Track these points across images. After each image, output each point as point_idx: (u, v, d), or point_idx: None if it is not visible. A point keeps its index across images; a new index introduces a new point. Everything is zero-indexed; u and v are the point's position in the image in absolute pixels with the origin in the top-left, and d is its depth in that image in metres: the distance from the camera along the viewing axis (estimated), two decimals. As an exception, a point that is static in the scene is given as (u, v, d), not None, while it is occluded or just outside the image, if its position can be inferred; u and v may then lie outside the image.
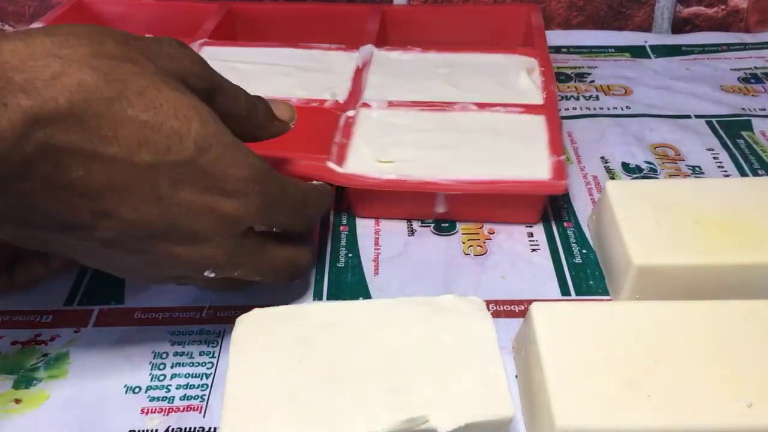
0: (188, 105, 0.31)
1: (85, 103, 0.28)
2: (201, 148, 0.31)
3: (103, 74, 0.29)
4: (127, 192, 0.30)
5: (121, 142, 0.29)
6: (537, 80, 0.51)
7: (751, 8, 0.71)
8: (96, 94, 0.29)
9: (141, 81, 0.30)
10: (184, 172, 0.31)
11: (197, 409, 0.36)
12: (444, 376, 0.32)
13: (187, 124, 0.31)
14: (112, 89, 0.29)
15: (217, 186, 0.32)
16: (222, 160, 0.32)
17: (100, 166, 0.29)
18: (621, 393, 0.31)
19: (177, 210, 0.32)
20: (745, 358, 0.32)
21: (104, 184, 0.29)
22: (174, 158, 0.31)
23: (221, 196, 0.33)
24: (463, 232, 0.47)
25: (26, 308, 0.41)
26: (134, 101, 0.30)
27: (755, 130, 0.56)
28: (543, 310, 0.35)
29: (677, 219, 0.40)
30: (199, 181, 0.32)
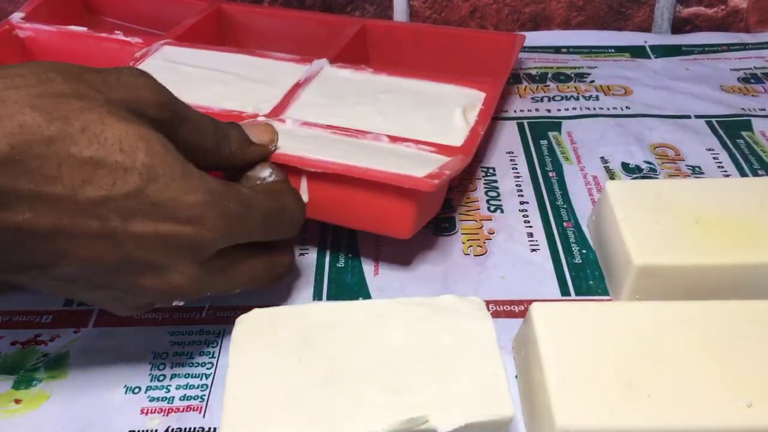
0: (135, 135, 0.31)
1: (26, 146, 0.28)
2: (147, 179, 0.31)
3: (45, 113, 0.29)
4: (77, 230, 0.30)
5: (65, 181, 0.29)
6: (471, 119, 0.49)
7: (751, 8, 0.71)
8: (37, 134, 0.28)
9: (85, 116, 0.30)
10: (133, 204, 0.31)
11: (197, 409, 0.36)
12: (444, 376, 0.32)
13: (132, 156, 0.30)
14: (54, 128, 0.29)
15: (170, 215, 0.32)
16: (171, 189, 0.31)
17: (46, 207, 0.29)
18: (621, 393, 0.31)
19: (131, 244, 0.31)
20: (745, 358, 0.32)
21: (52, 224, 0.29)
22: (120, 192, 0.30)
23: (176, 225, 0.32)
24: (463, 232, 0.47)
25: (26, 308, 0.41)
26: (77, 138, 0.29)
27: (755, 130, 0.56)
28: (543, 310, 0.35)
29: (677, 219, 0.40)
30: (149, 213, 0.31)
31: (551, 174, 0.52)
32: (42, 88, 0.30)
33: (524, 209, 0.48)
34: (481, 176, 0.52)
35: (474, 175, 0.52)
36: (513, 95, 0.62)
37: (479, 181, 0.51)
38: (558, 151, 0.54)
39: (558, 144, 0.55)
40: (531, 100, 0.61)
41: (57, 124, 0.29)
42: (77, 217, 0.30)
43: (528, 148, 0.55)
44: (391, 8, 0.70)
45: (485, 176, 0.52)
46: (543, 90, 0.62)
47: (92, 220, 0.30)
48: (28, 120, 0.28)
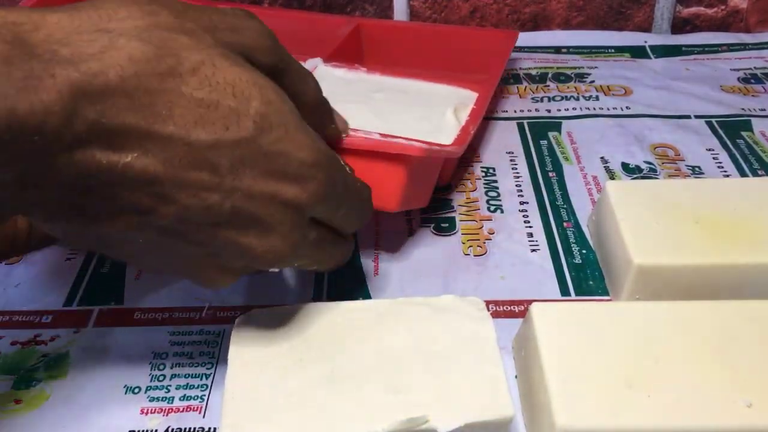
0: (248, 81, 0.29)
1: (137, 79, 0.26)
2: (261, 128, 0.29)
3: (155, 48, 0.27)
4: (186, 176, 0.28)
5: (177, 121, 0.27)
6: (462, 118, 0.48)
7: (751, 8, 0.71)
8: (147, 69, 0.27)
9: (196, 56, 0.28)
10: (244, 153, 0.29)
11: (197, 409, 0.36)
12: (444, 376, 0.32)
13: (246, 103, 0.29)
14: (165, 65, 0.27)
15: (279, 170, 0.30)
16: (284, 142, 0.30)
17: (156, 147, 0.27)
18: (621, 393, 0.31)
19: (239, 195, 0.29)
20: (745, 358, 0.32)
21: (161, 167, 0.27)
22: (232, 137, 0.28)
23: (284, 181, 0.30)
24: (463, 232, 0.47)
25: (26, 308, 0.41)
26: (188, 78, 0.28)
27: (755, 131, 0.56)
28: (543, 310, 0.35)
29: (677, 219, 0.40)
30: (259, 164, 0.29)
31: (551, 174, 0.52)
32: (148, 20, 0.28)
33: (524, 209, 0.48)
34: (481, 176, 0.52)
35: (474, 175, 0.52)
36: (513, 95, 0.62)
37: (479, 181, 0.51)
38: (558, 151, 0.54)
39: (558, 144, 0.55)
40: (531, 100, 0.61)
41: (168, 60, 0.27)
42: (187, 160, 0.28)
43: (528, 148, 0.55)
44: (391, 8, 0.70)
45: (485, 176, 0.52)
46: (543, 90, 0.62)
47: (202, 167, 0.28)
48: (137, 53, 0.26)
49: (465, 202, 0.49)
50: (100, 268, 0.44)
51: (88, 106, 0.25)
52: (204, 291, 0.42)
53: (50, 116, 0.24)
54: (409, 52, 0.62)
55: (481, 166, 0.53)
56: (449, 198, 0.50)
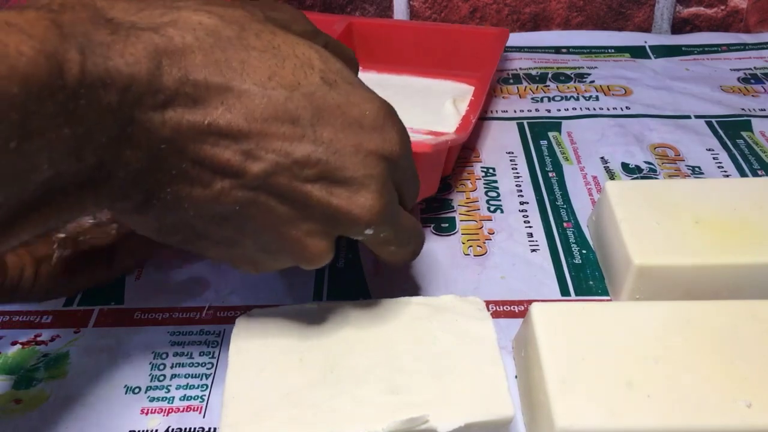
0: (305, 45, 0.31)
1: (210, 38, 0.28)
2: (329, 83, 0.30)
3: (219, 17, 0.29)
4: (269, 127, 0.29)
5: (251, 75, 0.29)
6: (462, 108, 0.49)
7: (751, 8, 0.71)
8: (217, 32, 0.29)
9: (255, 26, 0.30)
10: (320, 105, 0.30)
11: (197, 409, 0.36)
12: (444, 376, 0.32)
13: (309, 61, 0.30)
14: (231, 30, 0.29)
15: (357, 120, 0.31)
16: (353, 95, 0.31)
17: (237, 101, 0.28)
18: (621, 393, 0.31)
19: (324, 148, 0.30)
20: (745, 358, 0.32)
21: (245, 119, 0.28)
22: (305, 90, 0.29)
23: (364, 131, 0.31)
24: (463, 232, 0.47)
25: (26, 308, 0.41)
26: (253, 41, 0.29)
27: (755, 131, 0.56)
28: (543, 310, 0.35)
29: (677, 219, 0.40)
30: (336, 118, 0.30)
31: (551, 174, 0.52)
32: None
33: (524, 209, 0.48)
34: (481, 176, 0.52)
35: (474, 175, 0.52)
36: (513, 95, 0.62)
37: (479, 181, 0.51)
38: (558, 151, 0.54)
39: (558, 144, 0.55)
40: (531, 100, 0.61)
41: (233, 26, 0.29)
42: (268, 112, 0.29)
43: (528, 148, 0.55)
44: (391, 8, 0.70)
45: (485, 176, 0.52)
46: (543, 90, 0.62)
47: (283, 118, 0.29)
48: (205, 20, 0.29)
49: (465, 202, 0.49)
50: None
51: (172, 64, 0.27)
52: (204, 291, 0.42)
53: (140, 69, 0.26)
54: (401, 50, 0.62)
55: (481, 166, 0.53)
56: (449, 198, 0.50)
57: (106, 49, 0.25)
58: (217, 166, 0.29)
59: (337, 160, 0.30)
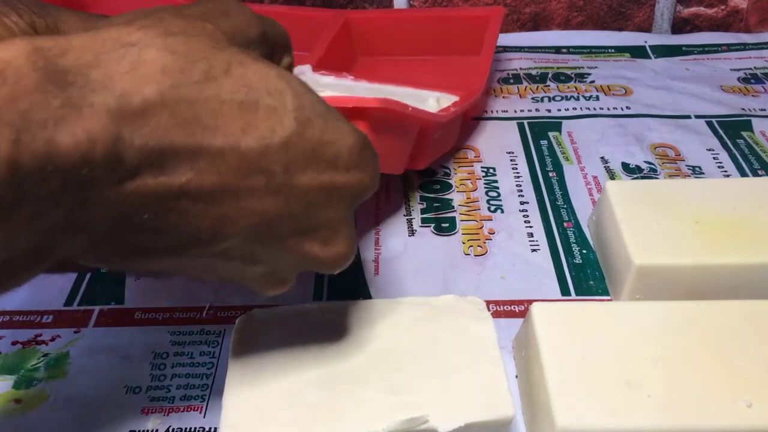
0: (275, 75, 0.27)
1: (176, 91, 0.24)
2: (303, 123, 0.27)
3: (183, 55, 0.25)
4: (244, 188, 0.26)
5: (225, 131, 0.25)
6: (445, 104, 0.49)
7: (751, 8, 0.71)
8: (183, 78, 0.25)
9: (222, 56, 0.26)
10: (294, 152, 0.27)
11: (197, 409, 0.36)
12: (444, 376, 0.32)
13: (281, 99, 0.27)
14: (198, 71, 0.25)
15: (331, 162, 0.28)
16: (327, 132, 0.28)
17: (208, 164, 0.25)
18: (621, 393, 0.31)
19: (299, 202, 0.28)
20: (745, 358, 0.32)
21: (217, 183, 0.26)
22: (280, 138, 0.26)
23: (337, 173, 0.28)
24: (463, 232, 0.47)
25: (26, 308, 0.41)
26: (222, 82, 0.26)
27: (755, 131, 0.56)
28: (543, 310, 0.35)
29: (677, 219, 0.40)
30: (311, 161, 0.28)
31: (551, 174, 0.52)
32: (162, 28, 0.26)
33: (524, 209, 0.48)
34: (481, 176, 0.52)
35: (474, 175, 0.52)
36: (513, 95, 0.62)
37: (479, 181, 0.51)
38: (558, 151, 0.54)
39: (558, 144, 0.55)
40: (531, 100, 0.61)
41: (200, 66, 0.25)
42: (242, 172, 0.26)
43: (528, 148, 0.55)
44: (391, 8, 0.70)
45: (485, 176, 0.52)
46: (543, 90, 0.62)
47: (257, 175, 0.26)
48: (169, 63, 0.24)
49: (465, 202, 0.49)
50: (101, 268, 0.44)
51: (133, 130, 0.23)
52: (204, 291, 0.42)
53: (96, 145, 0.22)
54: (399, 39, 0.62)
55: (481, 166, 0.53)
56: (449, 198, 0.50)
57: (51, 129, 0.22)
58: (183, 238, 0.26)
59: (311, 210, 0.28)
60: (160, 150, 0.24)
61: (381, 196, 0.50)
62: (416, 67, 0.62)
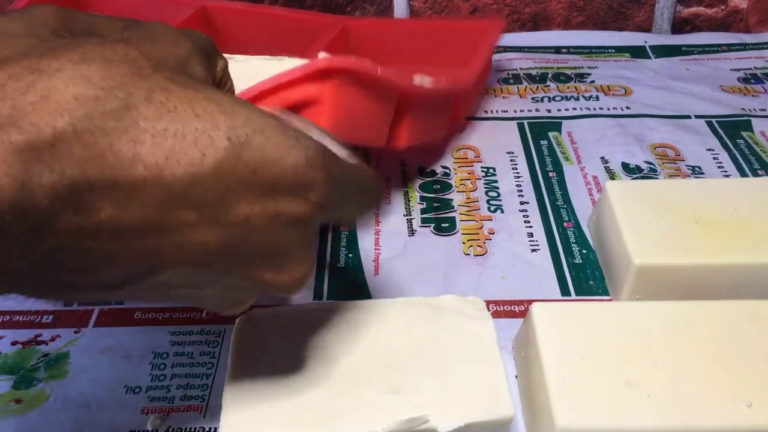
0: (204, 97, 0.25)
1: (89, 121, 0.22)
2: (238, 143, 0.24)
3: (99, 83, 0.23)
4: (171, 223, 0.24)
5: (145, 160, 0.23)
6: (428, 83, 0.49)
7: (751, 8, 0.71)
8: (98, 108, 0.22)
9: (143, 83, 0.24)
10: (229, 178, 0.24)
11: (197, 409, 0.36)
12: (444, 376, 0.32)
13: (212, 119, 0.24)
14: (115, 100, 0.23)
15: (273, 183, 0.25)
16: (268, 149, 0.25)
17: (128, 197, 0.23)
18: (621, 393, 0.31)
19: (237, 231, 0.25)
20: (745, 358, 0.32)
21: (141, 218, 0.23)
22: (211, 164, 0.24)
23: (282, 196, 0.26)
24: (463, 232, 0.47)
25: (26, 308, 0.41)
26: (143, 110, 0.23)
27: (755, 131, 0.56)
28: (543, 310, 0.35)
29: (677, 219, 0.40)
30: (250, 185, 0.25)
31: (551, 174, 0.52)
32: (79, 53, 0.23)
33: (524, 209, 0.48)
34: (481, 176, 0.52)
35: (474, 175, 0.52)
36: (513, 95, 0.62)
37: (479, 181, 0.51)
38: (558, 151, 0.54)
39: (558, 144, 0.55)
40: (531, 100, 0.61)
41: (117, 93, 0.23)
42: (169, 204, 0.23)
43: (528, 148, 0.55)
44: (391, 8, 0.70)
45: (485, 176, 0.52)
46: (543, 90, 0.62)
47: (186, 207, 0.24)
48: (81, 91, 0.22)
49: (465, 202, 0.49)
50: None
51: (42, 168, 0.21)
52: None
53: (2, 192, 0.20)
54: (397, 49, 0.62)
55: (481, 166, 0.53)
56: (449, 198, 0.50)
57: None
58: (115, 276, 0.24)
59: (255, 239, 0.26)
60: (74, 186, 0.22)
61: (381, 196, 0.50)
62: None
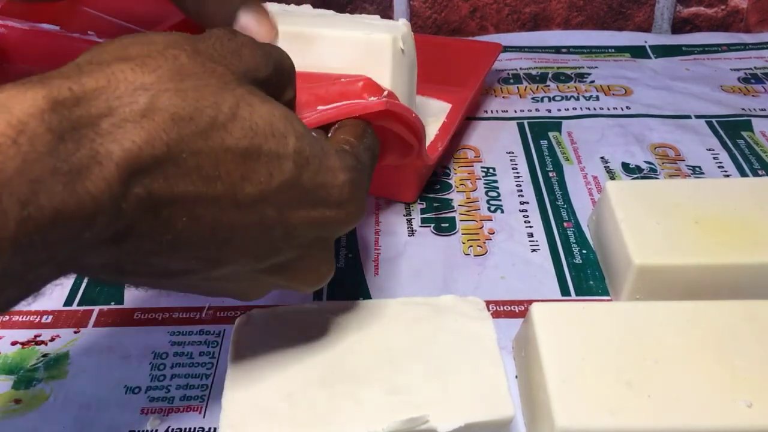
0: (280, 116, 0.28)
1: (182, 142, 0.24)
2: (300, 166, 0.28)
3: (194, 101, 0.25)
4: (235, 231, 0.27)
5: (224, 180, 0.26)
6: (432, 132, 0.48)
7: (751, 8, 0.71)
8: (191, 128, 0.24)
9: (230, 99, 0.26)
10: (290, 195, 0.28)
11: (197, 409, 0.36)
12: (444, 376, 0.32)
13: (284, 141, 0.27)
14: (206, 118, 0.25)
15: (322, 200, 0.29)
16: (321, 173, 0.29)
17: (204, 210, 0.25)
18: (621, 393, 0.31)
19: (289, 237, 0.29)
20: (745, 358, 0.32)
21: (210, 228, 0.26)
22: (277, 183, 0.27)
23: (327, 209, 0.30)
24: (463, 232, 0.47)
25: (26, 308, 0.41)
26: (230, 128, 0.26)
27: (755, 130, 0.56)
28: (543, 310, 0.35)
29: (677, 219, 0.40)
30: (304, 200, 0.29)
31: (551, 174, 0.52)
32: (174, 67, 0.25)
33: (524, 209, 0.48)
34: (481, 176, 0.52)
35: (474, 175, 0.52)
36: (513, 95, 0.62)
37: (479, 181, 0.51)
38: (558, 151, 0.54)
39: (558, 144, 0.55)
40: (531, 100, 0.61)
41: (207, 112, 0.25)
42: (236, 216, 0.26)
43: (528, 148, 0.55)
44: (391, 8, 0.70)
45: (485, 176, 0.52)
46: (543, 90, 0.62)
47: (251, 216, 0.27)
48: (179, 111, 0.24)
49: (465, 202, 0.49)
50: None
51: (137, 183, 0.23)
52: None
53: (99, 207, 0.22)
54: None
55: (481, 166, 0.53)
56: (449, 198, 0.50)
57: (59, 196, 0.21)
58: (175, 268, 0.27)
59: (298, 246, 0.30)
60: (158, 198, 0.24)
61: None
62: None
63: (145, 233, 0.24)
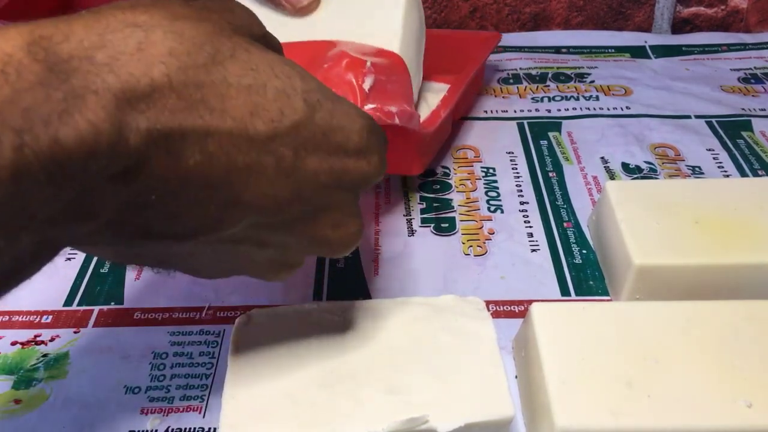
0: (280, 60, 0.27)
1: (183, 73, 0.24)
2: (312, 106, 0.27)
3: (190, 38, 0.25)
4: (253, 171, 0.26)
5: (232, 113, 0.25)
6: (433, 103, 0.49)
7: (751, 8, 0.71)
8: (190, 61, 0.24)
9: (227, 42, 0.26)
10: (304, 135, 0.27)
11: (197, 409, 0.36)
12: (444, 376, 0.32)
13: (290, 81, 0.27)
14: (204, 54, 0.25)
15: (340, 146, 0.28)
16: (336, 116, 0.28)
17: (216, 147, 0.25)
18: (621, 393, 0.31)
19: (307, 183, 0.28)
20: (745, 358, 0.32)
21: (225, 167, 0.25)
22: (289, 122, 0.26)
23: (347, 157, 0.28)
24: (463, 232, 0.47)
25: (26, 308, 0.41)
26: (229, 66, 0.25)
27: (755, 131, 0.56)
28: (543, 310, 0.35)
29: (677, 219, 0.40)
30: (321, 145, 0.28)
31: (551, 174, 0.52)
32: (168, 12, 0.25)
33: (524, 209, 0.48)
34: (481, 176, 0.52)
35: (474, 175, 0.52)
36: (513, 95, 0.62)
37: (479, 181, 0.51)
38: (558, 151, 0.54)
39: (558, 144, 0.55)
40: (531, 100, 0.61)
41: (206, 48, 0.25)
42: (251, 154, 0.26)
43: (528, 148, 0.55)
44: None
45: (485, 176, 0.52)
46: (543, 90, 0.62)
47: (267, 157, 0.26)
48: (176, 46, 0.24)
49: (465, 202, 0.49)
50: (100, 268, 0.44)
51: (138, 114, 0.23)
52: (204, 291, 0.42)
53: (101, 136, 0.22)
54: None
55: (481, 166, 0.53)
56: (449, 198, 0.50)
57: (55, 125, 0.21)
58: (191, 224, 0.26)
59: (320, 193, 0.28)
60: (168, 133, 0.23)
61: (381, 196, 0.50)
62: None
63: (156, 172, 0.24)
